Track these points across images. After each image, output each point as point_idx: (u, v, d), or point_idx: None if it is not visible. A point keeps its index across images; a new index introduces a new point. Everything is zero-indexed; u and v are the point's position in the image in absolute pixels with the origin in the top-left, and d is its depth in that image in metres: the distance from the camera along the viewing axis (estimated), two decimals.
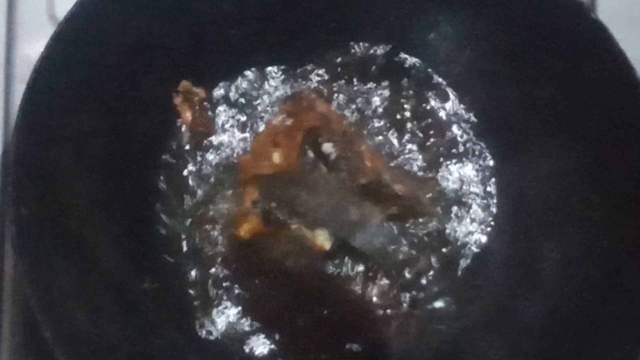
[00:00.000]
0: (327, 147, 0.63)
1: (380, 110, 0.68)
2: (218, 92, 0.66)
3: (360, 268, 0.65)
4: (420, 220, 0.66)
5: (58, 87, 0.58)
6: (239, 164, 0.65)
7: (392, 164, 0.67)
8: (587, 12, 0.62)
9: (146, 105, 0.64)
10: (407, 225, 0.66)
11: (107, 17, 0.60)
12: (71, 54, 0.59)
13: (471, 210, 0.67)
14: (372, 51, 0.69)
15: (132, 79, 0.62)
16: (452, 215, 0.67)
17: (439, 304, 0.65)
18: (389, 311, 0.64)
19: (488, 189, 0.67)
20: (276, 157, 0.63)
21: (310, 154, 0.64)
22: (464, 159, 0.68)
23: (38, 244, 0.56)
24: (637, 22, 0.70)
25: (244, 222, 0.64)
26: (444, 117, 0.68)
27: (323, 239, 0.64)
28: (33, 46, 0.66)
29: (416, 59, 0.68)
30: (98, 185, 0.61)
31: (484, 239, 0.66)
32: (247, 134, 0.67)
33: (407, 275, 0.65)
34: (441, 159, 0.68)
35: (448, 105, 0.68)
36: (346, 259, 0.65)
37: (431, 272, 0.65)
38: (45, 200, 0.57)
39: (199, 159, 0.66)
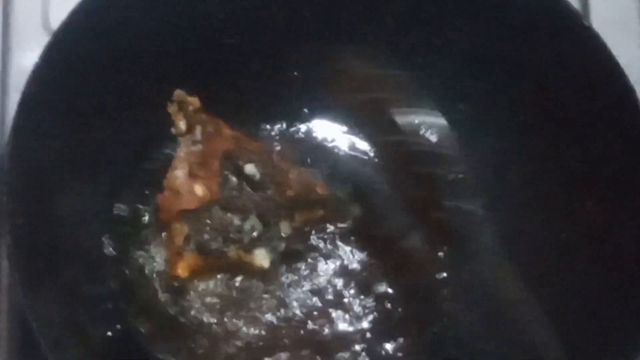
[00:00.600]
0: (250, 168, 0.64)
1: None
2: None
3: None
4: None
5: (52, 97, 0.58)
6: (159, 204, 0.65)
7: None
8: (579, 19, 0.62)
9: (140, 114, 0.64)
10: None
11: (100, 26, 0.60)
12: (65, 64, 0.58)
13: None
14: None
15: (126, 88, 0.62)
16: None
17: None
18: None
19: None
20: (198, 189, 0.63)
21: (233, 178, 0.64)
22: None
23: (33, 254, 0.56)
24: (629, 29, 0.70)
25: (179, 260, 0.63)
26: None
27: (261, 259, 0.64)
28: (28, 56, 0.67)
29: None
30: (91, 194, 0.61)
31: None
32: None
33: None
34: None
35: None
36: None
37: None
38: (40, 210, 0.57)
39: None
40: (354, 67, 0.67)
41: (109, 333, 0.60)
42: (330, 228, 0.66)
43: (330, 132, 0.70)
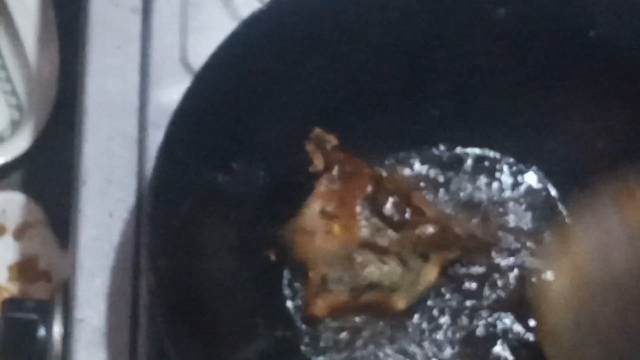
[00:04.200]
0: (389, 209, 0.63)
1: None
2: None
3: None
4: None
5: (192, 139, 0.59)
6: (297, 243, 0.63)
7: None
8: None
9: (279, 155, 0.64)
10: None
11: (241, 67, 0.60)
12: (207, 104, 0.59)
13: None
14: None
15: (266, 129, 0.62)
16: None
17: None
18: None
19: None
20: (336, 229, 0.62)
21: (372, 219, 0.63)
22: None
23: (174, 295, 0.57)
24: None
25: (317, 300, 0.63)
26: None
27: (398, 301, 0.64)
28: (166, 93, 0.68)
29: None
30: (231, 238, 0.62)
31: None
32: None
33: None
34: None
35: None
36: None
37: None
38: (181, 252, 0.58)
39: None
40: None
41: None
42: (467, 270, 0.66)
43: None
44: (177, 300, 0.57)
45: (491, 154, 0.69)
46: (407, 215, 0.63)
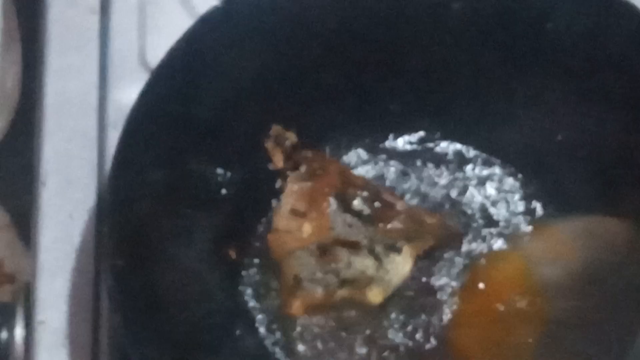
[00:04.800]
0: (358, 204, 0.63)
1: None
2: None
3: None
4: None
5: (149, 139, 0.58)
6: (268, 244, 0.64)
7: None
8: None
9: (239, 154, 0.64)
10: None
11: (197, 64, 0.60)
12: (163, 101, 0.59)
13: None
14: None
15: (224, 127, 0.62)
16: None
17: None
18: None
19: None
20: (307, 227, 0.62)
21: (342, 215, 0.63)
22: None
23: (133, 295, 0.56)
24: None
25: (292, 300, 0.63)
26: None
27: (374, 295, 0.64)
28: (125, 93, 0.67)
29: None
30: (192, 238, 0.62)
31: None
32: None
33: None
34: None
35: None
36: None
37: None
38: (140, 252, 0.58)
39: None
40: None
41: None
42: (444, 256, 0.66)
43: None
44: (136, 302, 0.56)
45: (457, 146, 0.70)
46: (377, 209, 0.63)
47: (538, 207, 0.68)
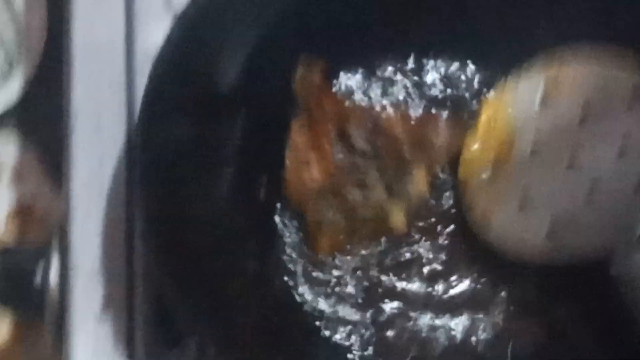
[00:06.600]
0: (361, 143, 0.63)
1: None
2: None
3: None
4: None
5: (174, 84, 0.59)
6: (286, 193, 0.65)
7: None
8: None
9: (267, 95, 0.64)
10: None
11: (221, 8, 0.60)
12: (185, 50, 0.59)
13: None
14: None
15: (252, 70, 0.62)
16: None
17: None
18: None
19: None
20: (315, 173, 0.63)
21: (347, 156, 0.64)
22: None
23: (165, 238, 0.57)
24: None
25: (319, 242, 0.64)
26: None
27: (397, 220, 0.64)
28: (151, 39, 0.67)
29: None
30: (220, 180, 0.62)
31: None
32: None
33: None
34: None
35: None
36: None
37: None
38: (171, 194, 0.58)
39: None
40: None
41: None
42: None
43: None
44: (168, 245, 0.57)
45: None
46: (378, 146, 0.64)
47: None
